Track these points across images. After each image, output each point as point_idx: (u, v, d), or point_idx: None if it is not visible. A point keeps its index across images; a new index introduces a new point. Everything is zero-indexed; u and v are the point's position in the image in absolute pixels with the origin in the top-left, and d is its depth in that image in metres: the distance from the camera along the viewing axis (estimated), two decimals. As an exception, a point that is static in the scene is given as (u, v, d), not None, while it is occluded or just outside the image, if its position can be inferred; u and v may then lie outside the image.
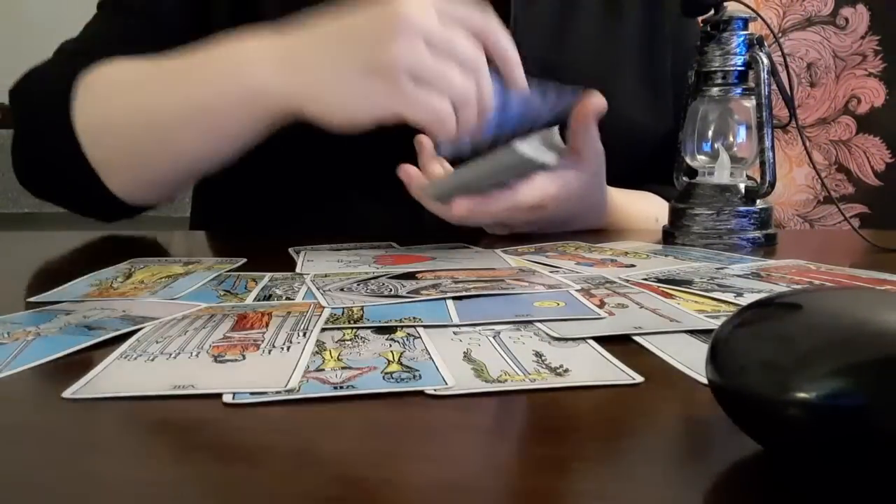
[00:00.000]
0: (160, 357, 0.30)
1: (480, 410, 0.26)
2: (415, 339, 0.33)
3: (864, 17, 1.09)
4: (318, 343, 0.32)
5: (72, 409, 0.26)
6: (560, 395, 0.27)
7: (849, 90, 1.10)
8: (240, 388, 0.26)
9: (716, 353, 0.22)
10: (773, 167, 0.61)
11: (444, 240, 0.61)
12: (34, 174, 0.67)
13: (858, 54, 1.10)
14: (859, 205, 1.11)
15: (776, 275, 0.46)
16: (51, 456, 0.22)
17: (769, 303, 0.23)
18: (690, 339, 0.33)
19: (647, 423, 0.25)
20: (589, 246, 0.58)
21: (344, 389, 0.26)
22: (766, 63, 0.61)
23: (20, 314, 0.38)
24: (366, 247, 0.59)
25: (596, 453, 0.23)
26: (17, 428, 0.24)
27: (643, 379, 0.28)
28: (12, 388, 0.28)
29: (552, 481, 0.21)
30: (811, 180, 1.13)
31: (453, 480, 0.20)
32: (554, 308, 0.38)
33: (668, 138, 0.79)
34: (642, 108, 0.76)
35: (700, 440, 0.24)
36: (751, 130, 0.63)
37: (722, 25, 0.62)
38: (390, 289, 0.42)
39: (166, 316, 0.36)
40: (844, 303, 0.22)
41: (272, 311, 0.37)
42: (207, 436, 0.24)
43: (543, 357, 0.30)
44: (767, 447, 0.21)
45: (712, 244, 0.60)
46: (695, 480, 0.21)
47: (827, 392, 0.18)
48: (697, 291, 0.42)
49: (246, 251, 0.56)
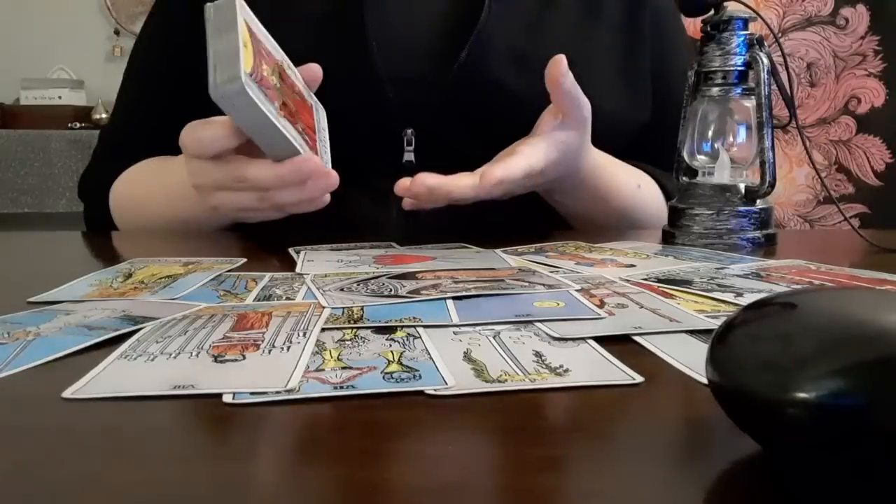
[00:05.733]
0: (160, 357, 0.30)
1: (480, 410, 0.26)
2: (415, 339, 0.32)
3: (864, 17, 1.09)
4: (318, 343, 0.32)
5: (72, 409, 0.26)
6: (560, 395, 0.27)
7: (849, 90, 1.10)
8: (240, 388, 0.26)
9: (716, 353, 0.22)
10: (773, 167, 0.61)
11: (444, 240, 0.61)
12: (87, 212, 0.85)
13: (858, 54, 1.10)
14: (859, 205, 1.11)
15: (776, 275, 0.46)
16: (51, 456, 0.22)
17: (769, 303, 0.23)
18: (690, 339, 0.33)
19: (647, 423, 0.24)
20: (589, 246, 0.58)
21: (344, 389, 0.26)
22: (766, 63, 0.61)
23: (20, 314, 0.38)
24: (366, 247, 0.59)
25: (596, 453, 0.23)
26: (17, 428, 0.24)
27: (643, 379, 0.28)
28: (12, 388, 0.28)
29: (552, 481, 0.21)
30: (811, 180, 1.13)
31: (453, 480, 0.20)
32: (554, 308, 0.38)
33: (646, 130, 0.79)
34: (618, 100, 0.77)
35: (700, 440, 0.24)
36: (751, 130, 0.63)
37: (722, 25, 0.62)
38: (390, 289, 0.42)
39: (166, 316, 0.36)
40: (844, 303, 0.22)
41: (272, 311, 0.37)
42: (207, 436, 0.24)
43: (543, 357, 0.30)
44: (767, 447, 0.21)
45: (712, 244, 0.60)
46: (695, 480, 0.21)
47: (827, 392, 0.18)
48: (697, 291, 0.42)
49: (246, 251, 0.56)
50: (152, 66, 0.81)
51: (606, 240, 0.62)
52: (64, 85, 2.79)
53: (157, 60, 0.81)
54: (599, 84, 0.76)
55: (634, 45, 0.79)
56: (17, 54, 2.96)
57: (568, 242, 0.60)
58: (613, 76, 0.78)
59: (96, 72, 2.96)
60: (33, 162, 2.29)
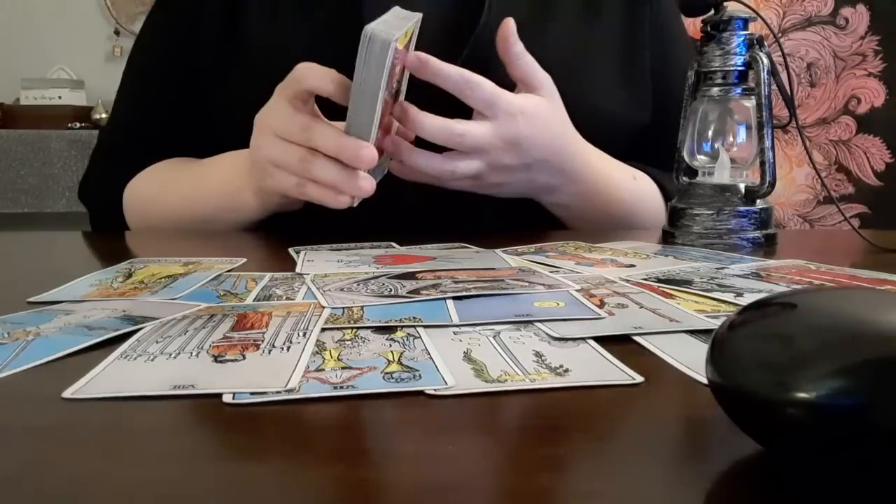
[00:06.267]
0: (160, 357, 0.30)
1: (480, 410, 0.26)
2: (415, 339, 0.32)
3: (864, 17, 1.09)
4: (318, 343, 0.32)
5: (72, 409, 0.26)
6: (560, 395, 0.27)
7: (849, 90, 1.10)
8: (240, 388, 0.26)
9: (716, 353, 0.22)
10: (773, 167, 0.61)
11: (444, 240, 0.61)
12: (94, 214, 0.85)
13: (858, 54, 1.10)
14: (859, 205, 1.11)
15: (776, 275, 0.46)
16: (51, 456, 0.22)
17: (769, 303, 0.23)
18: (690, 339, 0.33)
19: (647, 423, 0.24)
20: (589, 246, 0.58)
21: (344, 389, 0.26)
22: (766, 63, 0.61)
23: (20, 314, 0.38)
24: (366, 247, 0.59)
25: (596, 453, 0.23)
26: (17, 428, 0.24)
27: (643, 379, 0.28)
28: (12, 388, 0.28)
29: (552, 481, 0.21)
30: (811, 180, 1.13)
31: (453, 480, 0.20)
32: (554, 308, 0.38)
33: (646, 131, 0.79)
34: (618, 100, 0.77)
35: (700, 440, 0.24)
36: (751, 130, 0.63)
37: (722, 25, 0.62)
38: (390, 289, 0.42)
39: (166, 316, 0.36)
40: (844, 303, 0.22)
41: (272, 311, 0.37)
42: (207, 436, 0.24)
43: (543, 357, 0.30)
44: (767, 447, 0.21)
45: (712, 244, 0.60)
46: (695, 480, 0.21)
47: (827, 392, 0.18)
48: (697, 291, 0.42)
49: (246, 251, 0.56)
50: (155, 66, 0.81)
51: (606, 240, 0.62)
52: (64, 85, 2.79)
53: (160, 60, 0.80)
54: (600, 84, 0.76)
55: (635, 45, 0.79)
56: (17, 54, 2.96)
57: (568, 242, 0.60)
58: (614, 76, 0.78)
59: (96, 72, 2.96)
60: (33, 162, 2.29)
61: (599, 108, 0.75)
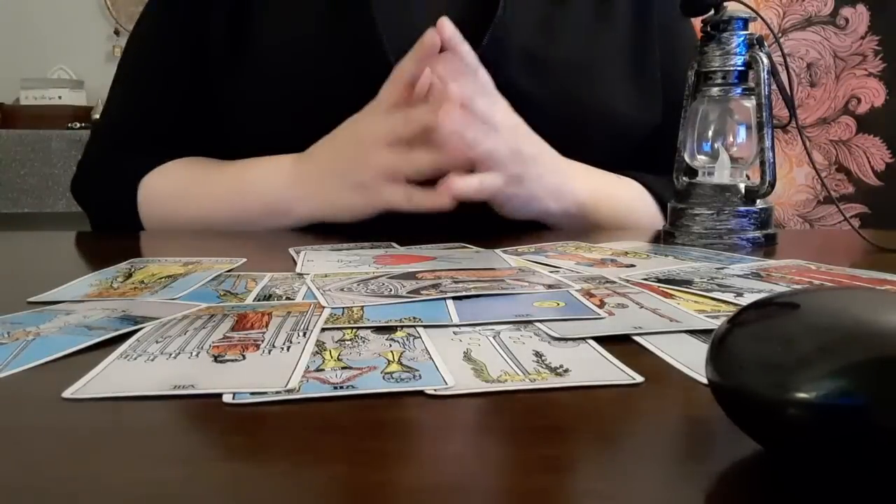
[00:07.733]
0: (160, 357, 0.30)
1: (480, 410, 0.26)
2: (415, 339, 0.32)
3: (864, 17, 1.09)
4: (318, 343, 0.32)
5: (72, 409, 0.26)
6: (560, 395, 0.27)
7: (849, 90, 1.10)
8: (240, 388, 0.26)
9: (716, 353, 0.22)
10: (773, 167, 0.61)
11: (444, 240, 0.61)
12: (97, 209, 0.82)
13: (858, 54, 1.10)
14: (859, 205, 1.11)
15: (776, 275, 0.46)
16: (51, 456, 0.22)
17: (769, 303, 0.23)
18: (690, 339, 0.33)
19: (647, 423, 0.24)
20: (589, 246, 0.58)
21: (344, 389, 0.26)
22: (766, 63, 0.61)
23: (20, 314, 0.38)
24: (366, 247, 0.59)
25: (596, 453, 0.23)
26: (17, 428, 0.24)
27: (643, 379, 0.28)
28: (12, 388, 0.28)
29: (552, 481, 0.21)
30: (811, 180, 1.13)
31: (453, 481, 0.20)
32: (554, 308, 0.38)
33: (657, 132, 0.79)
34: (628, 102, 0.77)
35: (700, 440, 0.24)
36: (751, 130, 0.63)
37: (722, 25, 0.62)
38: (390, 289, 0.42)
39: (166, 316, 0.36)
40: (844, 303, 0.22)
41: (272, 311, 0.37)
42: (207, 436, 0.24)
43: (543, 357, 0.30)
44: (767, 447, 0.21)
45: (712, 244, 0.60)
46: (695, 480, 0.21)
47: (827, 392, 0.18)
48: (697, 291, 0.42)
49: (246, 251, 0.56)
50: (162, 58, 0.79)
51: (606, 240, 0.62)
52: (64, 85, 2.79)
53: (167, 52, 0.78)
54: (611, 86, 0.76)
55: (645, 46, 0.79)
56: (17, 54, 2.96)
57: (568, 242, 0.60)
58: (625, 78, 0.77)
59: (96, 72, 2.96)
60: (33, 162, 2.29)
61: (612, 109, 0.75)
